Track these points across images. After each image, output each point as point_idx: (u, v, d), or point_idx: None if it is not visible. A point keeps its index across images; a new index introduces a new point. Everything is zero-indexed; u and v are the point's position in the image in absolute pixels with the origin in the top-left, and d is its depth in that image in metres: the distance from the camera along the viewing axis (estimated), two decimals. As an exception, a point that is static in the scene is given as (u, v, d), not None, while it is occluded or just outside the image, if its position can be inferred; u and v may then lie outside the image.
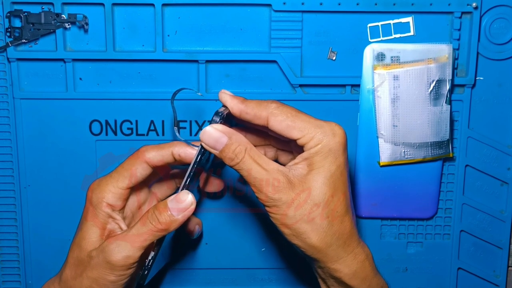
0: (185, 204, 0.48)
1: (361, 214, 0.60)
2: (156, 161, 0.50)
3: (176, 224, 0.48)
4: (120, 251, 0.47)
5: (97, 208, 0.49)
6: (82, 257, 0.49)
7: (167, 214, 0.47)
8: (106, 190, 0.50)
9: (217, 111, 0.48)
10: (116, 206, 0.50)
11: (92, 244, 0.49)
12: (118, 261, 0.47)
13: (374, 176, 0.59)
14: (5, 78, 0.57)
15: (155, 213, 0.47)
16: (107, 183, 0.50)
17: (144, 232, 0.47)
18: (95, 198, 0.50)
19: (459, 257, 0.62)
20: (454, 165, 0.60)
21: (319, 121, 0.48)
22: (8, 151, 0.58)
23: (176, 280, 0.62)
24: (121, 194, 0.50)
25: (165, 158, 0.50)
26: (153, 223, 0.47)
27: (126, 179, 0.50)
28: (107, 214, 0.50)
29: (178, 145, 0.50)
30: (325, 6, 0.56)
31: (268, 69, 0.58)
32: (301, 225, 0.47)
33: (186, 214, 0.48)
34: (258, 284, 0.63)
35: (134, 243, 0.47)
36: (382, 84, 0.56)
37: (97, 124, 0.58)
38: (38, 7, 0.55)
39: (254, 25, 0.57)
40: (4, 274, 0.61)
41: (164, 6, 0.56)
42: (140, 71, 0.57)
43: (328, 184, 0.47)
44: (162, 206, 0.48)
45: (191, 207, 0.48)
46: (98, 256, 0.48)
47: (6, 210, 0.59)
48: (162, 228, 0.47)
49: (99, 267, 0.48)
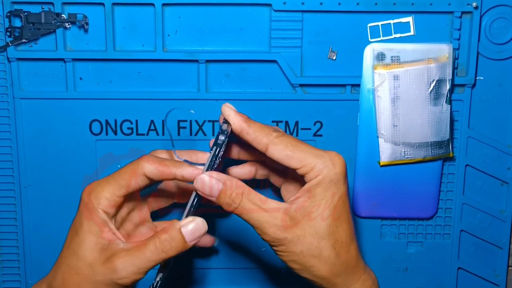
0: (198, 231, 0.47)
1: (361, 214, 0.60)
2: (154, 176, 0.48)
3: (187, 248, 0.48)
4: (129, 275, 0.47)
5: (93, 214, 0.48)
6: (80, 267, 0.48)
7: (180, 240, 0.47)
8: (102, 196, 0.48)
9: (222, 130, 0.47)
10: (110, 214, 0.49)
11: (91, 253, 0.48)
12: (126, 283, 0.47)
13: (374, 176, 0.59)
14: (5, 78, 0.57)
15: (167, 239, 0.47)
16: (103, 189, 0.48)
17: (155, 260, 0.47)
18: (90, 203, 0.48)
19: (459, 257, 0.62)
20: (454, 165, 0.60)
21: (319, 151, 0.47)
22: (8, 151, 0.58)
23: (176, 280, 0.62)
24: (116, 201, 0.49)
25: (164, 176, 0.48)
26: (165, 250, 0.47)
27: (123, 188, 0.48)
28: (103, 221, 0.48)
29: (182, 165, 0.48)
30: (325, 6, 0.56)
31: (268, 69, 0.58)
32: (309, 259, 0.47)
33: (198, 240, 0.48)
34: (258, 284, 0.63)
35: (143, 267, 0.47)
36: (382, 84, 0.56)
37: (97, 124, 0.58)
38: (38, 7, 0.55)
39: (254, 25, 0.57)
40: (4, 274, 0.60)
41: (164, 6, 0.56)
42: (140, 71, 0.57)
43: (332, 215, 0.47)
44: (175, 232, 0.47)
45: (203, 232, 0.48)
46: (104, 275, 0.47)
47: (6, 210, 0.59)
48: (173, 254, 0.47)
49: (103, 284, 0.47)
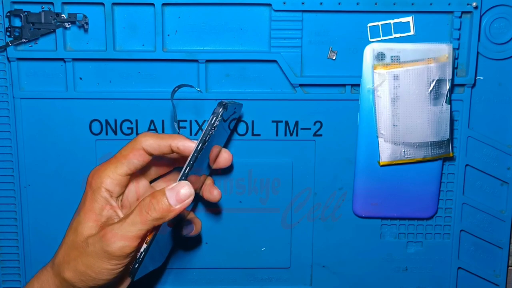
0: (183, 194, 0.47)
1: (361, 214, 0.60)
2: (152, 150, 0.50)
3: (172, 214, 0.47)
4: (116, 241, 0.47)
5: (96, 193, 0.50)
6: (77, 242, 0.49)
7: (164, 202, 0.47)
8: (104, 176, 0.50)
9: (215, 111, 0.49)
10: (114, 192, 0.50)
11: (89, 229, 0.49)
12: (115, 251, 0.47)
13: (374, 175, 0.59)
14: (5, 78, 0.57)
15: (152, 201, 0.47)
16: (105, 168, 0.50)
17: (139, 221, 0.47)
18: (94, 183, 0.50)
19: (459, 256, 0.62)
20: (454, 165, 0.60)
21: None
22: (8, 151, 0.58)
23: (176, 280, 0.62)
24: (119, 180, 0.50)
25: (162, 148, 0.50)
26: (149, 212, 0.47)
27: (124, 166, 0.50)
28: (105, 200, 0.50)
29: (178, 137, 0.50)
30: (325, 5, 0.56)
31: (268, 68, 0.58)
32: None
33: (184, 205, 0.47)
34: (258, 284, 0.63)
35: (130, 232, 0.47)
36: (382, 83, 0.56)
37: (97, 123, 0.58)
38: (38, 7, 0.55)
39: (254, 25, 0.57)
40: (4, 274, 0.60)
41: (164, 6, 0.56)
42: (140, 70, 0.57)
43: None
44: (159, 194, 0.47)
45: (189, 198, 0.47)
46: (95, 244, 0.48)
47: (6, 210, 0.59)
48: (157, 216, 0.47)
49: (96, 255, 0.48)
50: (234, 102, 0.53)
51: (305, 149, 0.60)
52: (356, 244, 0.62)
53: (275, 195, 0.60)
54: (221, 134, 0.52)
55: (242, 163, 0.59)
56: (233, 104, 0.52)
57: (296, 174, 0.60)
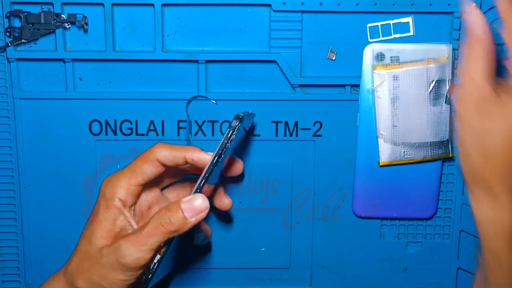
0: (198, 207, 0.47)
1: (361, 214, 0.60)
2: (167, 161, 0.50)
3: (187, 226, 0.47)
4: (132, 253, 0.47)
5: (109, 203, 0.50)
6: (91, 252, 0.49)
7: (179, 215, 0.47)
8: (118, 186, 0.50)
9: (232, 125, 0.49)
10: (127, 202, 0.50)
11: (103, 240, 0.49)
12: (129, 263, 0.47)
13: (374, 176, 0.59)
14: (5, 78, 0.57)
15: (167, 214, 0.47)
16: (119, 178, 0.50)
17: (154, 234, 0.47)
18: (107, 192, 0.50)
19: (458, 257, 0.62)
20: (453, 165, 0.60)
21: None
22: (8, 151, 0.58)
23: (176, 280, 0.62)
24: (132, 190, 0.50)
25: (176, 160, 0.50)
26: (164, 224, 0.47)
27: (138, 176, 0.50)
28: (119, 210, 0.50)
29: (192, 149, 0.50)
30: (325, 6, 0.56)
31: (268, 69, 0.58)
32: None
33: (199, 217, 0.47)
34: (258, 284, 0.63)
35: (144, 244, 0.47)
36: (382, 84, 0.56)
37: (97, 124, 0.58)
38: (38, 7, 0.55)
39: (254, 25, 0.57)
40: (4, 274, 0.61)
41: (164, 6, 0.56)
42: (140, 71, 0.57)
43: None
44: (175, 207, 0.47)
45: (205, 211, 0.47)
46: (109, 256, 0.48)
47: (6, 210, 0.59)
48: (173, 229, 0.47)
49: (110, 266, 0.48)
50: (248, 113, 0.52)
51: (305, 149, 0.60)
52: (356, 244, 0.62)
53: (275, 195, 0.60)
54: (235, 145, 0.52)
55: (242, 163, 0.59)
56: (248, 115, 0.52)
57: (296, 174, 0.60)
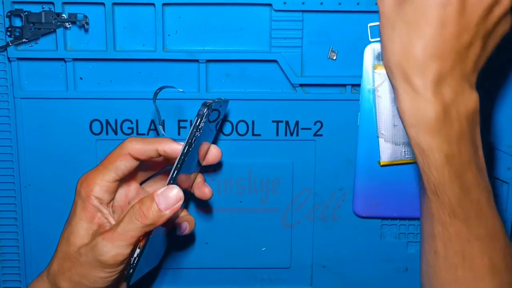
0: (172, 198, 0.47)
1: (361, 214, 0.60)
2: (139, 155, 0.50)
3: (163, 219, 0.47)
4: (109, 250, 0.47)
5: (86, 202, 0.49)
6: (70, 252, 0.49)
7: (154, 208, 0.46)
8: (93, 183, 0.49)
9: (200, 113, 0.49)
10: (103, 199, 0.50)
11: (81, 239, 0.49)
12: (107, 260, 0.47)
13: (374, 176, 0.59)
14: (6, 78, 0.57)
15: (142, 208, 0.47)
16: (93, 176, 0.50)
17: (130, 229, 0.47)
18: (83, 191, 0.50)
19: (459, 257, 0.62)
20: (454, 165, 0.60)
21: None
22: (8, 151, 0.58)
23: (176, 280, 0.62)
24: (108, 187, 0.50)
25: (149, 153, 0.50)
26: (139, 219, 0.46)
27: (112, 172, 0.50)
28: (95, 208, 0.50)
29: (164, 141, 0.50)
30: (326, 5, 0.56)
31: (268, 68, 0.58)
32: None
33: (174, 209, 0.47)
34: (258, 284, 0.63)
35: (121, 240, 0.47)
36: (383, 83, 0.56)
37: (98, 123, 0.58)
38: (39, 7, 0.55)
39: (255, 25, 0.57)
40: (4, 274, 0.60)
41: (165, 6, 0.56)
42: (140, 70, 0.57)
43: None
44: (148, 200, 0.47)
45: (179, 202, 0.47)
46: (87, 254, 0.48)
47: (6, 210, 0.59)
48: (148, 223, 0.47)
49: (89, 264, 0.48)
50: (219, 100, 0.52)
51: (305, 149, 0.60)
52: (356, 244, 0.62)
53: (275, 195, 0.60)
54: (208, 132, 0.52)
55: (242, 163, 0.59)
56: (217, 102, 0.51)
57: (296, 174, 0.60)
